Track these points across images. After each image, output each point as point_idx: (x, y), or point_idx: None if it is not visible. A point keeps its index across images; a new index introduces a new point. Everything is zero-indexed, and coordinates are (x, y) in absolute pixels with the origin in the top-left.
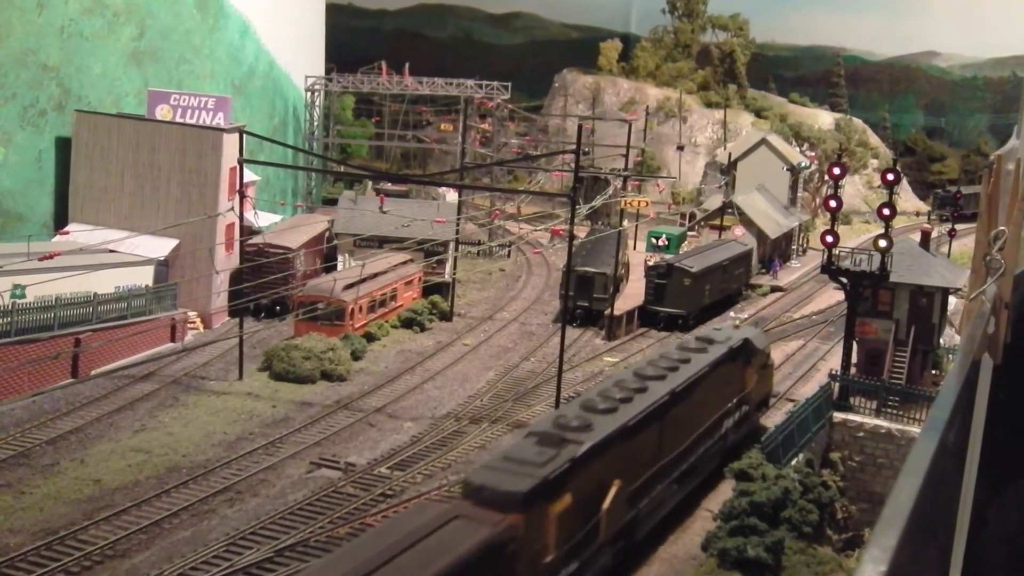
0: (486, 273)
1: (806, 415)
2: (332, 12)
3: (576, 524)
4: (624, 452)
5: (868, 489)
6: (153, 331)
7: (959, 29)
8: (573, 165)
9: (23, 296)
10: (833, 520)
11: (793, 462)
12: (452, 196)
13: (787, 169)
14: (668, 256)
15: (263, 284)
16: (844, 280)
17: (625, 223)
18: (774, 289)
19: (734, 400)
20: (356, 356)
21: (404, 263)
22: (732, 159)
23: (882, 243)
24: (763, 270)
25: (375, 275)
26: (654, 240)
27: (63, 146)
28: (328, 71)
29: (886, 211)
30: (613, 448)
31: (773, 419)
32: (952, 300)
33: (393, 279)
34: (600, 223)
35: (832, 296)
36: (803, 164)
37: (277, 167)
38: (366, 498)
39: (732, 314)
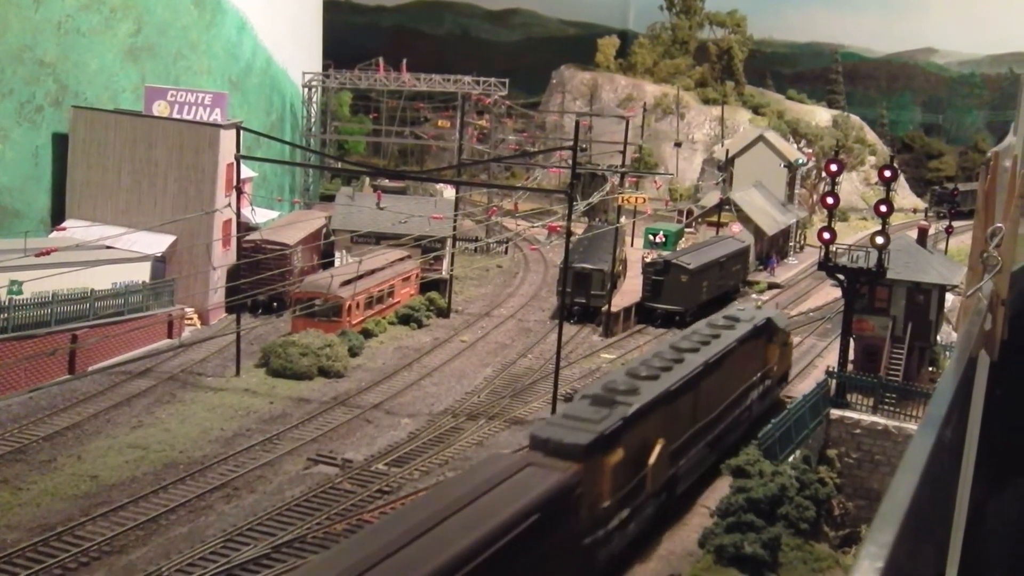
0: (483, 269)
1: (803, 412)
2: (329, 8)
3: (627, 476)
4: (666, 414)
5: (865, 486)
6: (150, 327)
7: (957, 26)
8: (570, 161)
9: (20, 292)
10: (830, 517)
11: (790, 459)
12: (449, 192)
13: (784, 166)
14: (665, 253)
15: (260, 280)
16: (841, 277)
17: (622, 220)
18: (771, 286)
19: (758, 374)
20: (353, 352)
21: (401, 259)
22: (729, 156)
23: (879, 240)
24: (760, 267)
25: (372, 271)
26: (651, 237)
27: (60, 142)
28: (325, 67)
29: (883, 208)
30: (657, 410)
31: (770, 416)
32: (949, 297)
33: (390, 275)
34: (597, 220)
35: (829, 293)
36: (800, 161)
37: (274, 163)
38: (363, 494)
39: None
